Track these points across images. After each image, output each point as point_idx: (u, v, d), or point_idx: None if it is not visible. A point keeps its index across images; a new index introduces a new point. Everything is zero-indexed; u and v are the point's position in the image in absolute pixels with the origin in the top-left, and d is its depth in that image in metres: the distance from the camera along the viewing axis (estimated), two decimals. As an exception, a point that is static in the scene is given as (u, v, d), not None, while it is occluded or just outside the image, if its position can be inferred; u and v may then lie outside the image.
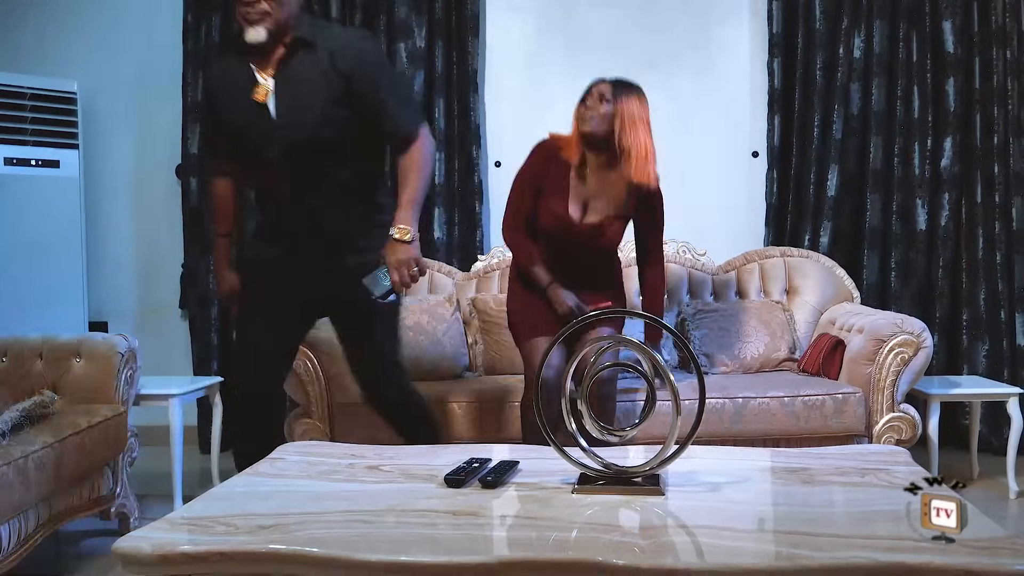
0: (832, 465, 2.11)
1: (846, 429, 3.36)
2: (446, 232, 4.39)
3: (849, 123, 4.27)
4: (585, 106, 3.06)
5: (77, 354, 3.22)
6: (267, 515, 1.79)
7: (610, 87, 3.04)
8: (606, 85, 3.05)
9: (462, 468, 2.03)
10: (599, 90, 3.05)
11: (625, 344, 2.07)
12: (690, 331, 3.83)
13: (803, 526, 1.71)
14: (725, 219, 4.45)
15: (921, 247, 4.25)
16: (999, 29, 4.18)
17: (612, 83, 3.06)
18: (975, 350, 4.22)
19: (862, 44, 4.24)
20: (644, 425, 2.10)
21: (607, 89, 3.04)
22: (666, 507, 1.84)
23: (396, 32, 4.35)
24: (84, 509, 3.02)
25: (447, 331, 3.82)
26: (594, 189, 3.11)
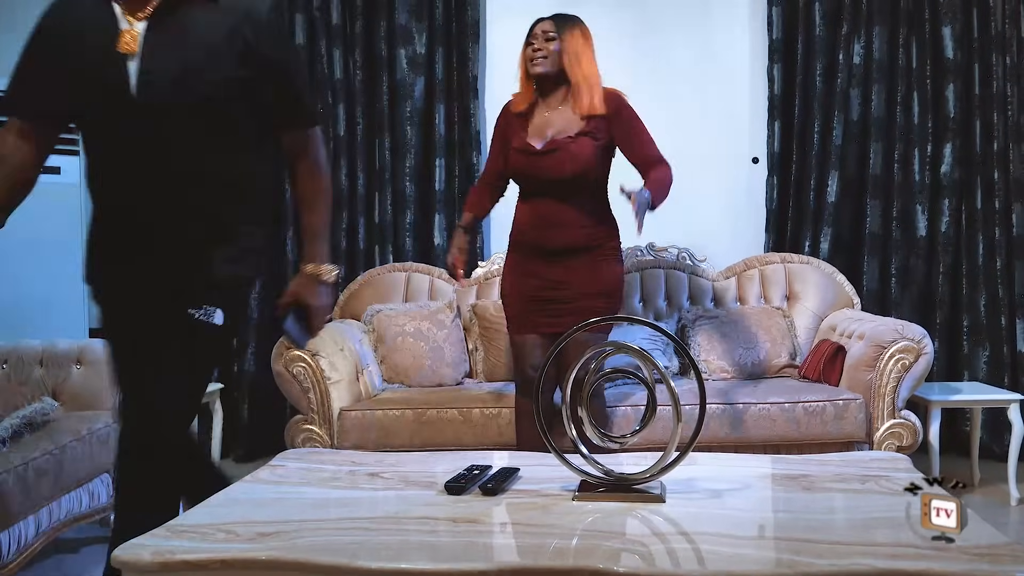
0: (833, 472, 2.11)
1: (847, 435, 3.35)
2: (446, 238, 4.39)
3: (849, 129, 4.28)
4: (532, 48, 3.03)
5: (77, 361, 3.22)
6: (267, 522, 1.79)
7: (552, 23, 3.03)
8: (548, 22, 3.04)
9: (462, 475, 2.03)
10: (542, 28, 3.03)
11: (625, 350, 2.07)
12: (690, 337, 3.83)
13: (804, 533, 1.71)
14: (725, 225, 4.45)
15: (921, 253, 4.26)
16: (999, 35, 4.18)
17: (553, 19, 3.05)
18: (976, 356, 4.21)
19: (862, 50, 4.25)
20: (644, 432, 2.10)
21: (550, 26, 3.03)
22: (667, 514, 1.84)
23: (396, 38, 4.36)
24: (84, 516, 3.02)
25: (447, 337, 3.82)
26: (552, 121, 3.05)
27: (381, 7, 4.38)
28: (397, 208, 4.42)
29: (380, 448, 3.23)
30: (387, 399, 3.51)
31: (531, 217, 3.07)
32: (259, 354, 4.35)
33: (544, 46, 3.02)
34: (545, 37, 3.03)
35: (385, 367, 3.78)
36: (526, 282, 3.08)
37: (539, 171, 3.03)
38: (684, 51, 4.46)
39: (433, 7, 4.39)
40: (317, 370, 3.37)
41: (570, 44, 3.02)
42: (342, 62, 4.40)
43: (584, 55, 3.03)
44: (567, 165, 2.98)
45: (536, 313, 3.05)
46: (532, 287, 3.06)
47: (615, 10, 4.47)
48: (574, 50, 3.02)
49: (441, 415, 3.39)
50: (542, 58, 3.01)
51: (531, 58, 3.04)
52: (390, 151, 4.41)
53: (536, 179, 3.05)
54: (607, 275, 3.05)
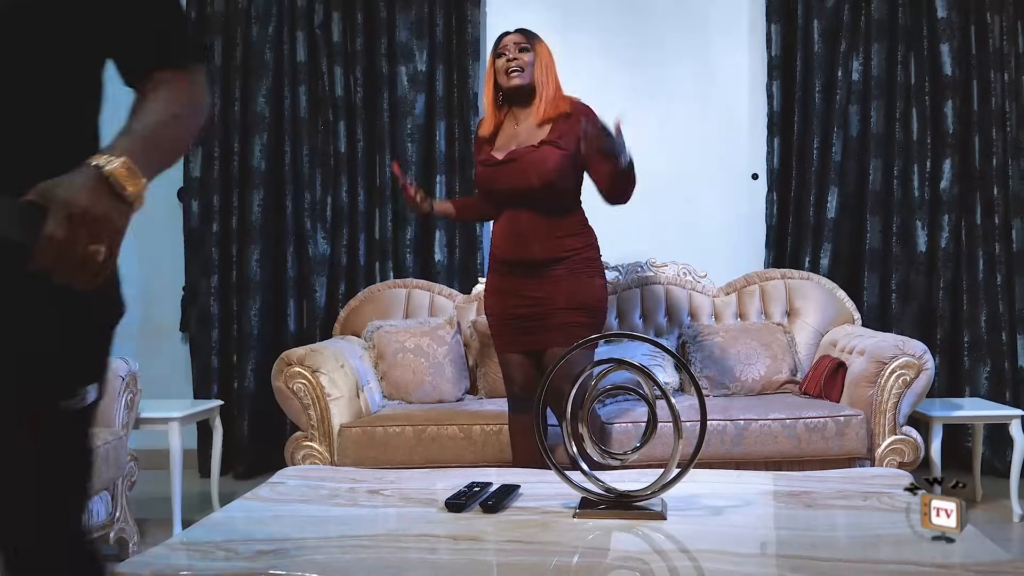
0: (834, 488, 2.10)
1: (848, 452, 3.34)
2: (446, 255, 4.40)
3: (848, 145, 4.29)
4: (506, 59, 3.00)
5: (77, 377, 3.21)
6: (267, 540, 1.78)
7: (522, 35, 3.03)
8: (518, 34, 3.03)
9: (463, 492, 2.03)
10: (513, 40, 3.02)
11: (625, 366, 2.07)
12: (691, 353, 3.82)
13: (806, 550, 1.70)
14: (725, 241, 4.45)
15: (921, 269, 4.26)
16: (996, 52, 4.20)
17: (521, 32, 3.05)
18: (977, 372, 4.21)
19: (860, 67, 4.27)
20: (645, 448, 2.09)
21: (521, 38, 3.02)
22: (668, 531, 1.83)
23: (397, 55, 4.39)
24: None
25: (448, 354, 3.82)
26: (519, 133, 3.04)
27: (382, 25, 4.41)
28: (398, 224, 4.43)
29: (380, 465, 3.22)
30: (387, 416, 3.50)
31: (503, 230, 3.04)
32: (259, 371, 4.35)
33: (519, 57, 3.00)
34: (518, 48, 3.01)
35: (385, 383, 3.78)
36: (504, 299, 3.05)
37: (498, 182, 3.00)
38: (684, 68, 4.48)
39: (434, 25, 4.41)
40: (317, 387, 3.36)
41: (541, 55, 3.03)
42: (343, 79, 4.42)
43: (552, 67, 3.05)
44: (527, 175, 2.93)
45: (516, 331, 3.03)
46: (510, 304, 3.04)
47: (615, 28, 4.49)
48: (545, 62, 3.03)
49: (441, 432, 3.38)
50: (518, 69, 2.99)
51: (506, 69, 3.00)
52: (391, 168, 4.43)
53: (500, 191, 3.02)
54: (585, 288, 2.99)
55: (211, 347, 4.43)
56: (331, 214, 4.45)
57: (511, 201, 3.00)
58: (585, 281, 3.00)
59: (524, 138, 3.02)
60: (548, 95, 3.00)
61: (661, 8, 4.50)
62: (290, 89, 4.43)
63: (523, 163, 2.95)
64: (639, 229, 4.34)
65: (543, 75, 3.01)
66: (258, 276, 4.40)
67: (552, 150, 2.95)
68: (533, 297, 2.99)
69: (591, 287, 3.01)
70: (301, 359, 3.38)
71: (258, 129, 4.40)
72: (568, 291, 2.97)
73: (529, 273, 2.99)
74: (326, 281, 4.43)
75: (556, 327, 2.94)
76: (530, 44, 3.02)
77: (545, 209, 2.97)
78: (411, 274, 4.37)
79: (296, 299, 4.45)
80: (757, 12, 4.44)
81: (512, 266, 3.03)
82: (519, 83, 3.00)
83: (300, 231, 4.43)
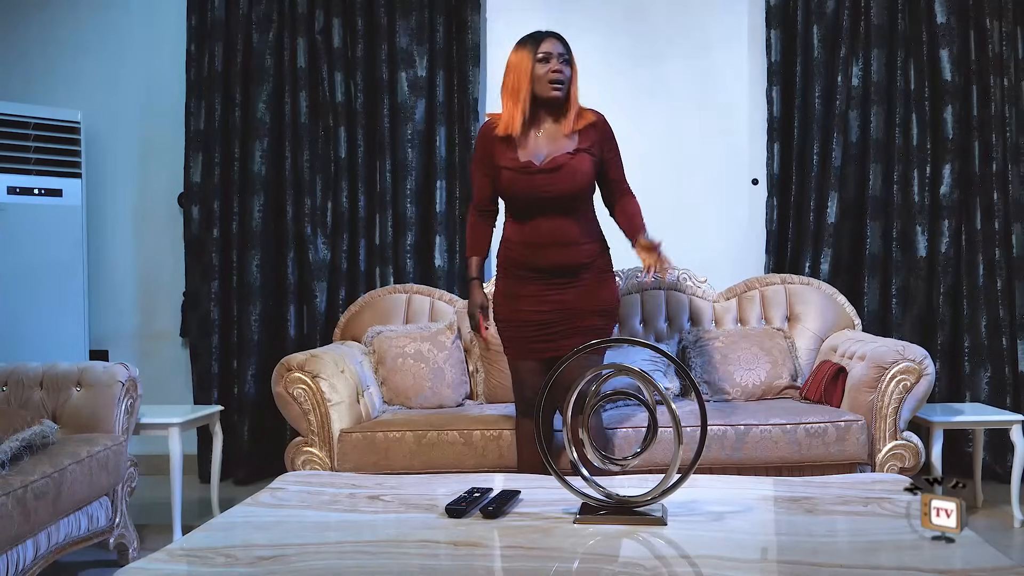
0: (835, 494, 2.10)
1: (848, 457, 3.34)
2: (447, 260, 4.40)
3: (848, 150, 4.29)
4: (551, 69, 2.94)
5: (78, 383, 3.22)
6: (267, 546, 1.78)
7: (562, 44, 2.98)
8: (558, 43, 2.98)
9: (463, 498, 2.02)
10: (557, 50, 2.96)
11: (626, 372, 2.07)
12: (691, 359, 3.82)
13: (806, 556, 1.70)
14: (725, 247, 4.46)
15: (921, 274, 4.26)
16: (996, 57, 4.21)
17: (562, 41, 2.99)
18: (977, 377, 4.21)
19: (860, 72, 4.27)
20: (645, 454, 2.09)
21: (563, 48, 2.98)
22: (668, 537, 1.83)
23: (398, 61, 4.39)
24: (83, 540, 3.00)
25: (448, 359, 3.82)
26: (544, 140, 3.00)
27: (382, 31, 4.41)
28: (398, 230, 4.43)
29: (380, 470, 3.22)
30: (387, 421, 3.50)
31: (527, 237, 3.01)
32: (259, 376, 4.35)
33: (562, 70, 2.96)
34: (561, 60, 2.95)
35: (385, 389, 3.78)
36: (521, 305, 3.03)
37: (539, 189, 2.96)
38: (684, 74, 4.49)
39: (434, 31, 4.42)
40: (317, 392, 3.36)
41: (575, 66, 3.03)
42: (343, 85, 4.43)
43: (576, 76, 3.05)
44: (568, 182, 2.95)
45: (534, 339, 3.02)
46: (529, 311, 3.02)
47: (615, 34, 4.50)
48: (576, 70, 3.04)
49: (442, 437, 3.38)
50: (560, 83, 2.95)
51: (552, 80, 2.94)
52: (391, 173, 4.43)
53: (535, 198, 2.97)
54: (606, 294, 3.05)
55: (211, 352, 4.43)
56: (331, 219, 4.45)
57: (540, 208, 2.97)
58: (605, 286, 3.06)
59: (555, 146, 2.99)
60: (577, 109, 3.02)
61: (661, 15, 4.51)
62: (291, 95, 4.43)
63: (564, 171, 2.95)
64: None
65: (575, 90, 3.02)
66: (258, 281, 4.40)
67: (587, 157, 2.98)
68: (554, 302, 2.99)
69: (610, 292, 3.08)
70: (301, 364, 3.38)
71: (259, 135, 4.41)
72: (590, 296, 3.00)
73: (551, 279, 2.99)
74: (326, 286, 4.43)
75: (577, 332, 2.95)
76: (570, 57, 2.99)
77: (571, 215, 2.99)
78: (411, 279, 4.37)
79: (296, 304, 4.45)
80: (757, 18, 4.45)
81: (531, 272, 3.01)
82: (557, 94, 2.96)
83: (300, 236, 4.44)
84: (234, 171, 4.44)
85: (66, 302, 4.27)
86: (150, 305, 4.66)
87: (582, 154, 2.98)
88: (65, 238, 4.27)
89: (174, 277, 4.58)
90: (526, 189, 2.99)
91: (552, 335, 3.00)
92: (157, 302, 4.64)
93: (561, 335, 2.97)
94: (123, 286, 4.66)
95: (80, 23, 4.66)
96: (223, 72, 4.43)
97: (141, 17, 4.65)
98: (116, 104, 4.64)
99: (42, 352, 3.70)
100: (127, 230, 4.67)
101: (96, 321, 4.50)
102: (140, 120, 4.66)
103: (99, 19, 4.66)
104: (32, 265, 4.17)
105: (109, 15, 4.66)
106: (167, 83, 4.58)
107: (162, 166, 4.61)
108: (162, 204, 4.64)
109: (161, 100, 4.60)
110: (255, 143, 4.41)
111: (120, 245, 4.66)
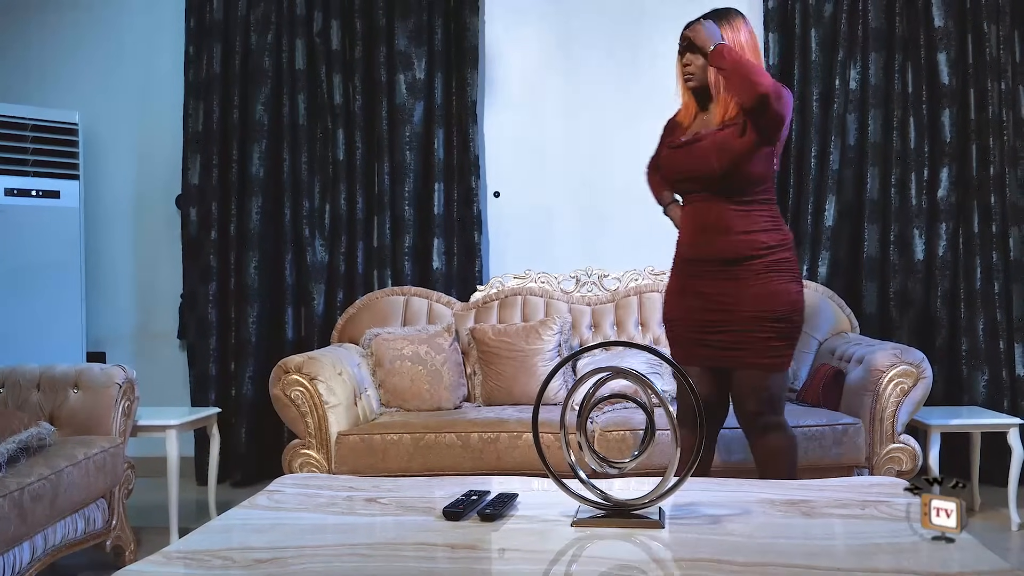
0: (832, 497, 2.10)
1: (846, 460, 3.34)
2: (445, 262, 4.40)
3: (846, 154, 4.30)
4: (683, 60, 2.79)
5: (75, 385, 3.22)
6: (264, 548, 1.78)
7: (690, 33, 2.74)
8: (688, 33, 2.75)
9: (460, 501, 2.02)
10: (680, 44, 2.78)
11: (623, 375, 2.07)
12: (689, 361, 3.81)
13: (804, 559, 1.70)
14: (723, 249, 4.46)
15: (919, 277, 4.26)
16: (993, 61, 4.21)
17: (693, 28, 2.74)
18: (975, 380, 4.21)
19: (858, 76, 4.28)
20: (643, 457, 2.09)
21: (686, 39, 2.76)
22: (666, 540, 1.83)
23: (396, 63, 4.39)
24: (80, 542, 3.00)
25: (445, 361, 3.82)
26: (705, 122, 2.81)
27: (381, 33, 4.42)
28: (396, 232, 4.43)
29: (377, 473, 3.21)
30: (385, 423, 3.50)
31: (687, 223, 2.82)
32: (256, 378, 4.35)
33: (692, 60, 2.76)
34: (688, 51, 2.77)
35: (383, 391, 3.78)
36: (685, 302, 2.81)
37: (681, 165, 2.79)
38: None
39: (433, 33, 4.42)
40: (315, 394, 3.36)
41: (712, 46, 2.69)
42: (342, 87, 4.43)
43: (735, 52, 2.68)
44: (716, 158, 2.68)
45: (697, 344, 2.79)
46: (692, 308, 2.78)
47: (614, 37, 4.50)
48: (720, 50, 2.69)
49: (439, 439, 3.38)
50: (690, 75, 2.78)
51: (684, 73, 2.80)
52: (389, 175, 4.43)
53: (680, 176, 2.80)
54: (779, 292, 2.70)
55: (209, 354, 4.42)
56: (329, 222, 4.45)
57: (693, 188, 2.79)
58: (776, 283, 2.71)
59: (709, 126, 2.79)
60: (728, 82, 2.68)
61: (659, 16, 4.50)
62: (289, 97, 4.43)
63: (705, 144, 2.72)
64: (636, 236, 4.34)
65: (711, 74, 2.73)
66: (256, 283, 4.40)
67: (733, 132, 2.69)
68: (716, 298, 2.73)
69: (786, 291, 2.71)
70: (299, 367, 3.38)
71: (257, 137, 4.41)
72: (756, 294, 2.69)
73: (712, 271, 2.74)
74: (324, 288, 4.43)
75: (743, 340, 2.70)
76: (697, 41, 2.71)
77: (731, 198, 2.71)
78: (409, 282, 4.37)
79: (294, 306, 4.45)
80: (755, 21, 4.43)
81: (694, 263, 2.80)
82: (692, 86, 2.80)
83: (298, 238, 4.44)
84: (232, 173, 4.44)
85: (63, 304, 4.27)
86: (148, 307, 4.66)
87: (730, 128, 2.69)
88: (63, 240, 4.27)
89: (172, 279, 4.57)
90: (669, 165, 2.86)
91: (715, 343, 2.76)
92: (155, 304, 4.64)
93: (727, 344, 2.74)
94: (121, 288, 4.65)
95: (78, 24, 4.66)
96: (221, 74, 4.43)
97: (139, 18, 4.65)
98: (114, 105, 4.63)
99: (39, 354, 3.69)
100: (125, 232, 4.67)
101: (94, 323, 4.50)
102: (138, 122, 4.66)
103: (97, 20, 4.66)
104: (30, 267, 4.16)
105: (107, 16, 4.66)
106: (165, 84, 4.58)
107: (160, 168, 4.61)
108: (160, 206, 4.64)
109: (159, 101, 4.60)
110: (253, 145, 4.41)
111: (118, 247, 4.66)
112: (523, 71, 4.55)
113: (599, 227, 4.46)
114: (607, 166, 4.45)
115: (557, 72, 4.53)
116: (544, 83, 4.52)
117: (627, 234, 4.41)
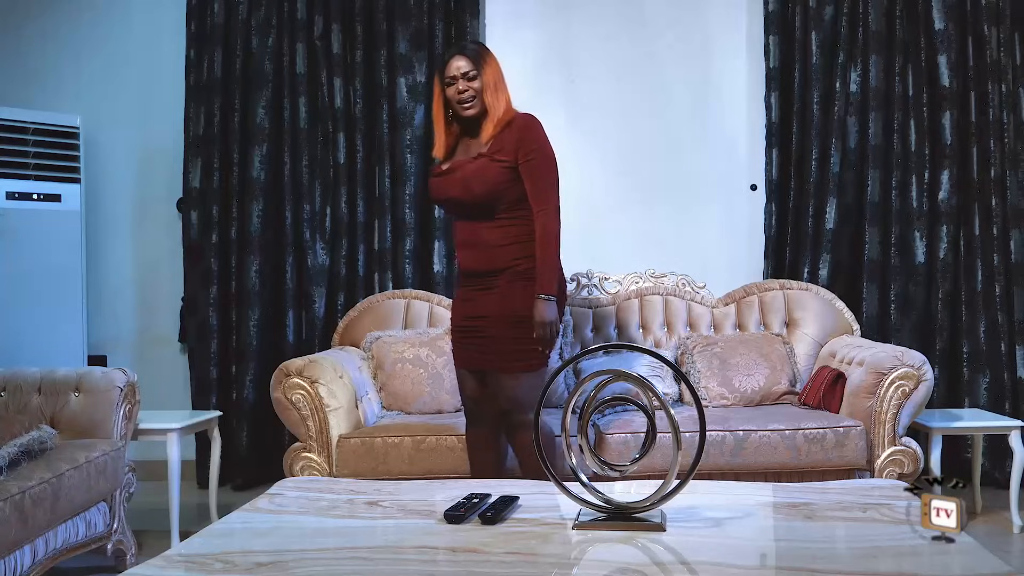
0: (834, 500, 2.10)
1: (847, 463, 3.34)
2: (445, 265, 4.40)
3: (847, 156, 4.30)
4: (457, 90, 2.93)
5: (76, 388, 3.22)
6: (265, 552, 1.78)
7: (467, 60, 2.93)
8: (464, 60, 2.93)
9: (461, 504, 2.02)
10: (458, 67, 2.93)
11: (624, 378, 2.07)
12: (690, 364, 3.82)
13: (805, 562, 1.70)
14: (724, 252, 4.46)
15: (920, 279, 4.26)
16: (994, 63, 4.21)
17: (466, 55, 2.94)
18: (976, 383, 4.21)
19: (858, 78, 4.28)
20: (644, 459, 2.09)
21: (467, 64, 2.92)
22: (667, 543, 1.83)
23: (397, 66, 4.40)
24: (81, 546, 3.00)
25: (446, 364, 3.81)
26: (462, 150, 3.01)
27: (381, 36, 4.42)
28: (397, 235, 4.43)
29: (378, 476, 3.21)
30: (386, 426, 3.49)
31: (455, 238, 3.06)
32: (257, 381, 4.35)
33: (469, 86, 2.93)
34: (466, 77, 2.93)
35: (384, 394, 3.78)
36: (455, 310, 3.09)
37: (439, 192, 3.01)
38: (682, 79, 4.50)
39: (433, 36, 4.43)
40: (316, 397, 3.36)
41: (488, 78, 2.94)
42: (343, 91, 4.44)
43: (501, 84, 2.97)
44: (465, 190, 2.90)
45: (464, 348, 3.03)
46: (458, 316, 3.06)
47: (614, 40, 4.51)
48: (493, 82, 2.95)
49: (440, 443, 3.38)
50: (470, 99, 2.93)
51: (460, 101, 2.94)
52: (390, 179, 4.43)
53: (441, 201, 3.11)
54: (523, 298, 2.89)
55: (210, 358, 4.42)
56: (330, 225, 4.45)
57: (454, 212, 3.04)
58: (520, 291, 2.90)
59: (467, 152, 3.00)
60: (498, 116, 2.93)
61: (660, 20, 4.52)
62: (290, 100, 4.44)
63: (460, 180, 2.92)
64: (638, 239, 4.34)
65: (493, 98, 2.94)
66: (257, 287, 4.40)
67: (489, 165, 2.90)
68: (472, 308, 2.98)
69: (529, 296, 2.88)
70: (300, 370, 3.38)
71: (258, 140, 4.41)
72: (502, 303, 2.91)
73: (471, 283, 2.99)
74: (325, 292, 4.43)
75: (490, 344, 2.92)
76: (477, 69, 2.92)
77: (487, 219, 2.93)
78: (410, 285, 4.37)
79: (295, 310, 4.45)
80: (755, 24, 4.46)
81: (462, 275, 3.05)
82: (472, 113, 2.95)
83: (299, 242, 4.44)
84: (233, 176, 4.44)
85: (65, 307, 4.27)
86: (149, 310, 4.66)
87: (484, 158, 2.91)
88: (64, 243, 4.27)
89: (173, 282, 4.57)
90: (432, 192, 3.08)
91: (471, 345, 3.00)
92: (156, 307, 4.64)
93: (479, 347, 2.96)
94: (122, 291, 4.65)
95: (80, 28, 4.66)
96: (222, 77, 4.43)
97: (140, 22, 4.65)
98: (115, 109, 4.64)
99: (40, 357, 3.69)
100: (126, 235, 4.67)
101: (95, 326, 4.50)
102: (139, 125, 4.66)
103: (98, 24, 4.66)
104: (31, 270, 4.16)
105: (108, 20, 4.66)
106: (166, 88, 4.58)
107: (161, 171, 4.61)
108: (161, 209, 4.64)
109: (160, 105, 4.60)
110: (254, 148, 4.41)
111: (119, 250, 4.66)
112: (523, 73, 4.54)
113: (600, 230, 4.46)
114: (607, 168, 4.45)
115: (557, 74, 4.53)
116: (544, 85, 4.52)
117: (627, 236, 4.41)
